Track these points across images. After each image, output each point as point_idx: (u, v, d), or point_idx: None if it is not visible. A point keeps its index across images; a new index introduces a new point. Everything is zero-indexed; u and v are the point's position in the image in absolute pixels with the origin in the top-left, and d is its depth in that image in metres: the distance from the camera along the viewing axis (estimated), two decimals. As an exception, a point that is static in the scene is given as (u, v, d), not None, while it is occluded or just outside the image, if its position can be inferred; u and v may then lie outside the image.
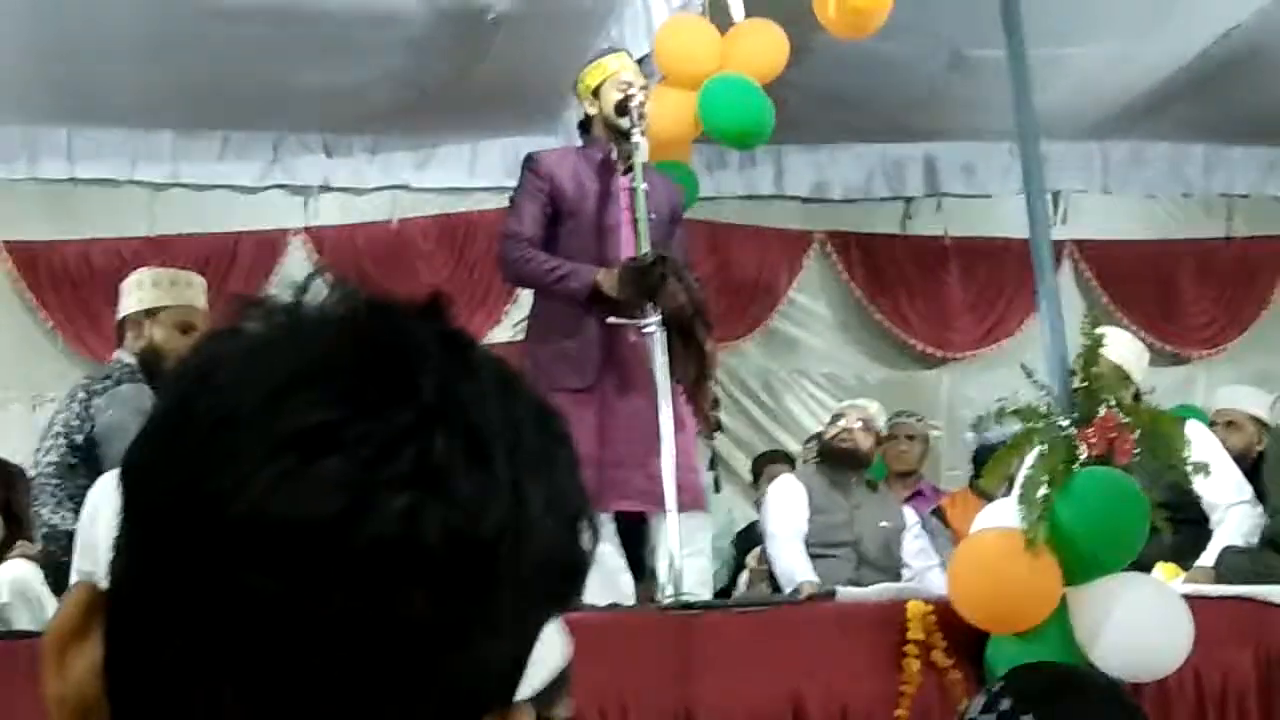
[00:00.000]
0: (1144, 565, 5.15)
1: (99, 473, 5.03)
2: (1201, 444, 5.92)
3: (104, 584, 0.87)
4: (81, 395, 5.48)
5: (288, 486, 0.79)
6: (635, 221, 5.49)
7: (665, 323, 5.32)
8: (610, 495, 5.46)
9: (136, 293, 5.70)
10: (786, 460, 8.24)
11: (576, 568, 0.88)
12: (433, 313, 0.87)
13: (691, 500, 5.48)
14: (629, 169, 5.57)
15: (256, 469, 0.79)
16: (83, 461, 5.34)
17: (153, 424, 0.86)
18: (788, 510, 6.70)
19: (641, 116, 5.58)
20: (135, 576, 0.84)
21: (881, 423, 7.19)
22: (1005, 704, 2.44)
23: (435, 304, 0.87)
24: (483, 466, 0.81)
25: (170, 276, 5.86)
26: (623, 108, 5.59)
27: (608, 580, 5.52)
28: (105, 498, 4.63)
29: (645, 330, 5.31)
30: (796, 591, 6.15)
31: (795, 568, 6.46)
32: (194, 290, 5.79)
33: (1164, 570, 5.66)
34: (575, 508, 0.87)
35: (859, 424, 6.94)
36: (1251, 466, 6.42)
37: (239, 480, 0.79)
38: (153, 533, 0.83)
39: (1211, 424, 6.99)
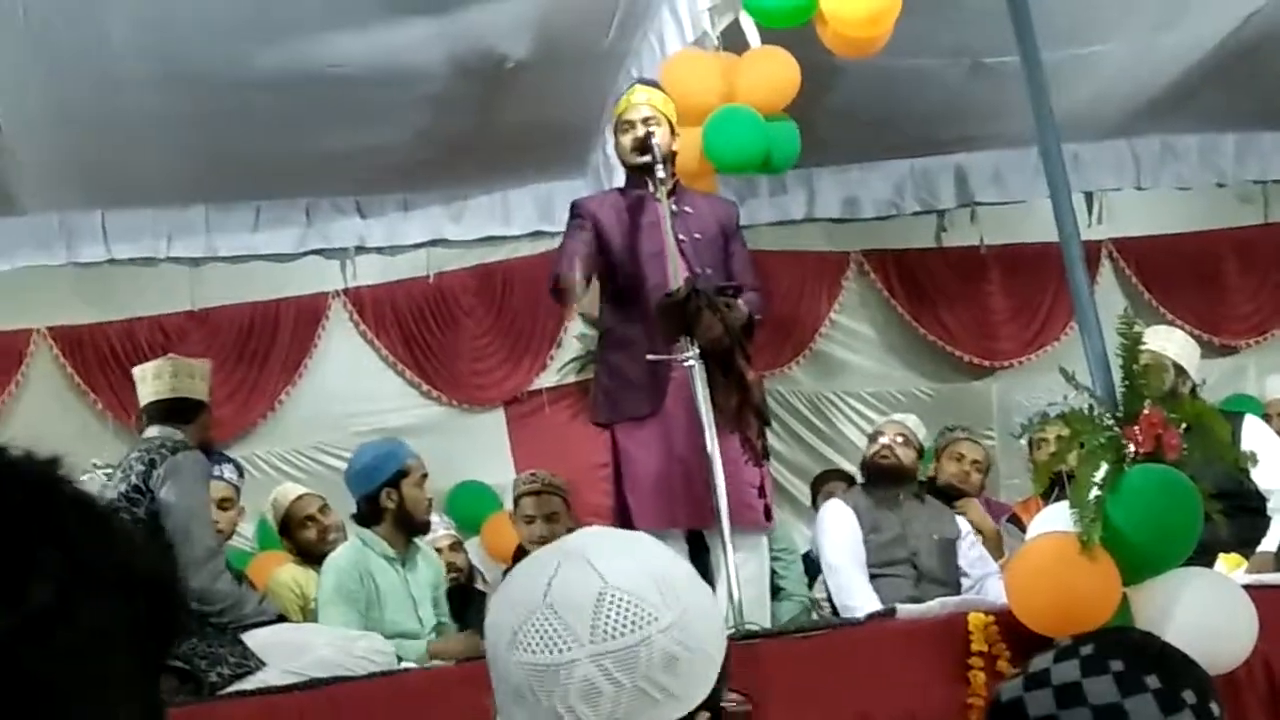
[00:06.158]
0: (1206, 557, 5.12)
1: None
2: (1255, 435, 5.92)
3: None
4: (139, 468, 5.45)
5: None
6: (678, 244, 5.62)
7: (703, 355, 5.33)
8: (679, 514, 5.63)
9: (200, 381, 5.80)
10: (843, 478, 8.18)
11: None
12: None
13: (750, 520, 5.58)
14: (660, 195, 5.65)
15: None
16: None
17: None
18: (841, 538, 6.63)
19: (664, 153, 5.66)
20: None
21: (922, 435, 7.10)
22: (1088, 649, 2.26)
23: None
24: None
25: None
26: (643, 146, 5.71)
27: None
28: None
29: (685, 363, 5.33)
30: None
31: (858, 599, 6.35)
32: None
33: (1226, 561, 5.63)
34: None
35: (899, 439, 6.88)
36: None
37: None
38: None
39: (1265, 415, 6.94)
